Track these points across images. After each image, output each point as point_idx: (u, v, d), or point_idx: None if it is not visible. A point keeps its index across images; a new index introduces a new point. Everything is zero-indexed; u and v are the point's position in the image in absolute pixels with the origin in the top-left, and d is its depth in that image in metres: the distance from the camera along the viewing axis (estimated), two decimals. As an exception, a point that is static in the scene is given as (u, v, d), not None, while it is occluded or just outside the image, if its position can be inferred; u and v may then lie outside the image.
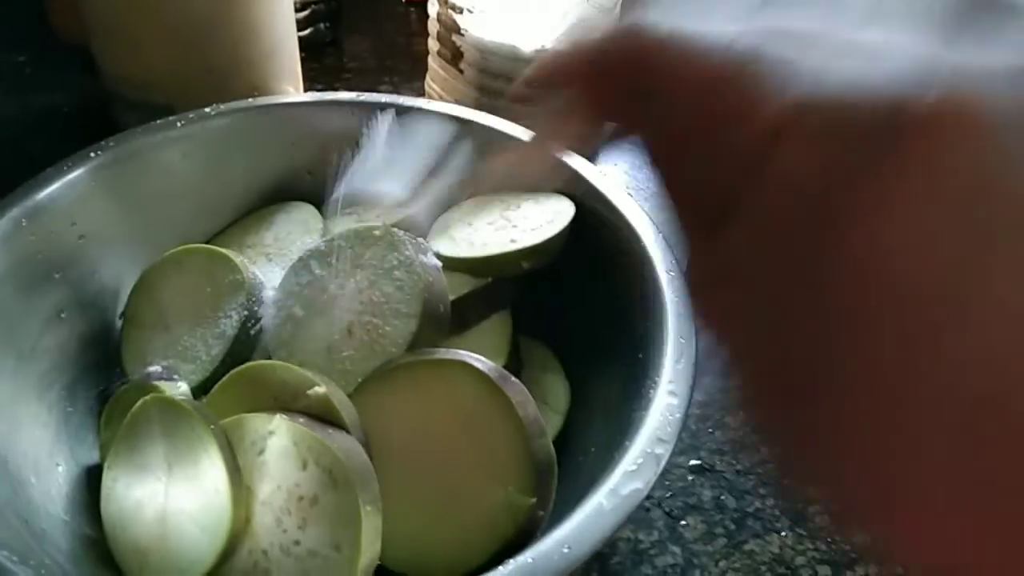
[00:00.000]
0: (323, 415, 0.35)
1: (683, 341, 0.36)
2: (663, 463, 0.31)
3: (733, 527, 0.42)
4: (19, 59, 0.70)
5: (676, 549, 0.41)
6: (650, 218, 0.41)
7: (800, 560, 0.41)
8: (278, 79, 0.62)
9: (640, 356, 0.37)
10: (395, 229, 0.40)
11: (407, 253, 0.39)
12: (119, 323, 0.43)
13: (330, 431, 0.33)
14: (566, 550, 0.28)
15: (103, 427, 0.40)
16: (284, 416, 0.34)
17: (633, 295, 0.40)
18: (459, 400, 0.35)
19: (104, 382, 0.42)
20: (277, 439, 0.33)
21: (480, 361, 0.35)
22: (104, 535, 0.35)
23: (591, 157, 0.46)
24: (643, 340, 0.38)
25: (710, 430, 0.47)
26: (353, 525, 0.32)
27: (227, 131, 0.47)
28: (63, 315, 0.41)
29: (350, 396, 0.36)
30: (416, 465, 0.35)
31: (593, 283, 0.43)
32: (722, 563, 0.41)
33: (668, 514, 0.42)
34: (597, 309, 0.43)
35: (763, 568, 0.40)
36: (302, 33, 0.63)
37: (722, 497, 0.43)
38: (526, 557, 0.28)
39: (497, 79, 0.60)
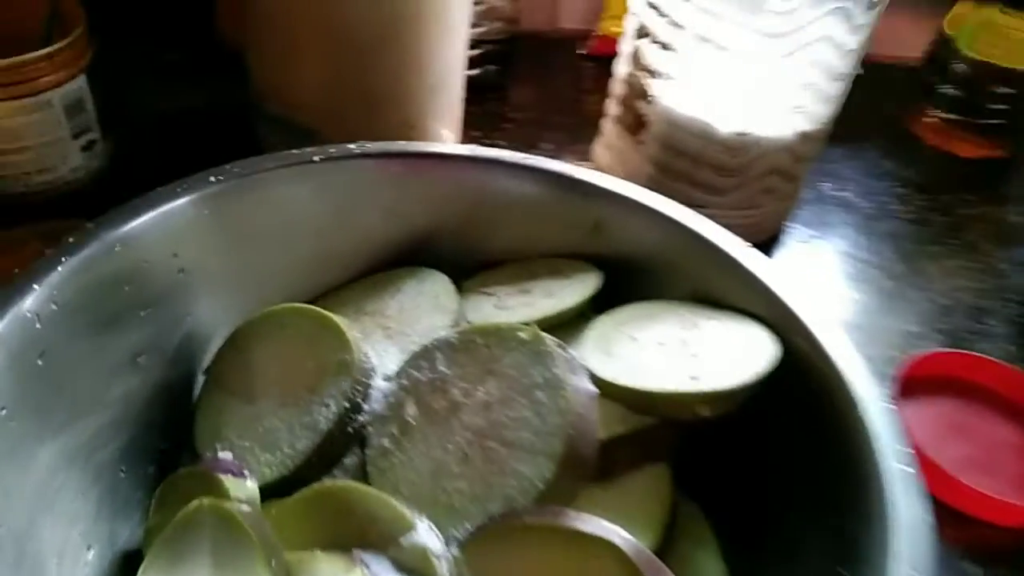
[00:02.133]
0: (416, 570, 0.26)
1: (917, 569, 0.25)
2: None
3: None
4: (174, 58, 0.67)
5: None
6: (871, 373, 0.31)
7: None
8: (436, 118, 0.55)
9: (837, 569, 0.27)
10: (545, 335, 0.31)
11: (556, 371, 0.30)
12: (201, 380, 0.36)
13: (420, 606, 0.25)
14: None
15: (153, 509, 0.33)
16: (366, 564, 0.26)
17: (837, 477, 0.30)
18: (596, 593, 0.26)
19: (170, 444, 0.35)
20: (351, 601, 0.25)
21: (628, 540, 0.26)
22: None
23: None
24: (847, 549, 0.28)
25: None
26: None
27: (369, 174, 0.40)
28: (140, 360, 0.34)
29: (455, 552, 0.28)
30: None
31: (779, 445, 0.33)
32: None
33: None
34: (780, 480, 0.33)
35: None
36: (469, 72, 0.57)
37: None
38: None
39: (681, 158, 0.51)
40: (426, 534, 0.27)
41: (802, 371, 0.33)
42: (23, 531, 0.28)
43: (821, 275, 0.57)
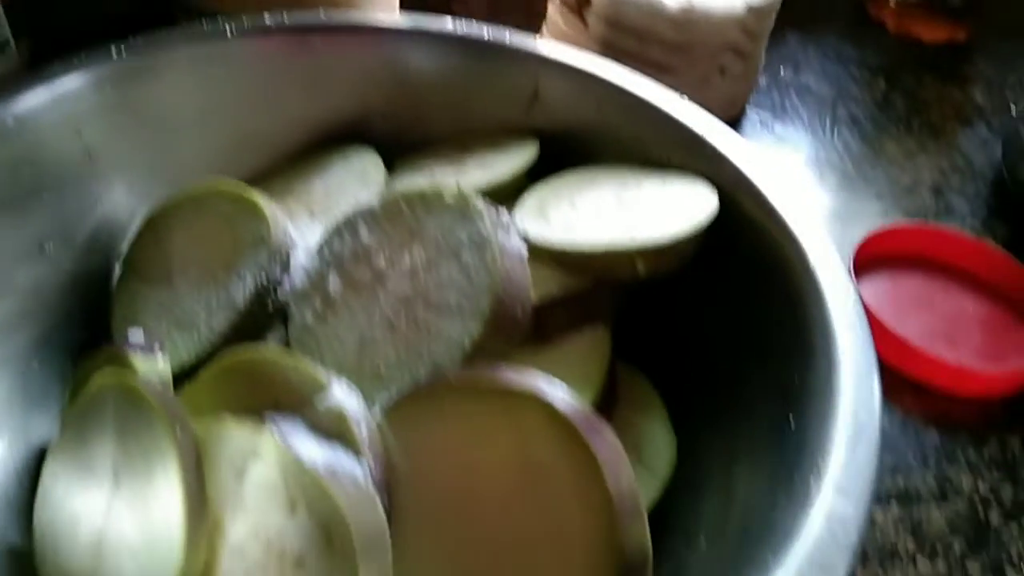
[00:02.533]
0: (334, 436, 0.25)
1: (862, 414, 0.24)
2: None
3: (875, 669, 0.30)
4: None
5: None
6: (821, 225, 0.30)
7: None
8: (369, 4, 0.52)
9: (790, 419, 0.26)
10: (472, 195, 0.29)
11: (483, 230, 0.28)
12: (116, 268, 0.34)
13: (336, 467, 0.23)
14: None
15: (69, 397, 0.31)
16: (277, 428, 0.24)
17: (784, 328, 0.28)
18: (526, 448, 0.24)
19: (89, 337, 0.33)
20: (262, 465, 0.24)
21: (562, 397, 0.25)
22: (32, 548, 0.26)
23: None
24: (796, 397, 0.26)
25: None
26: (346, 610, 0.21)
27: (288, 50, 0.37)
28: (46, 247, 0.32)
29: (377, 417, 0.26)
30: (454, 531, 0.24)
31: (725, 303, 0.32)
32: None
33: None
34: (727, 339, 0.32)
35: None
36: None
37: (862, 622, 0.32)
38: None
39: (627, 36, 0.49)
40: (342, 394, 0.25)
41: (749, 230, 0.31)
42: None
43: (780, 158, 0.55)
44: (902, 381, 0.41)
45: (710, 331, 0.32)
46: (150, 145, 0.35)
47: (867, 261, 0.46)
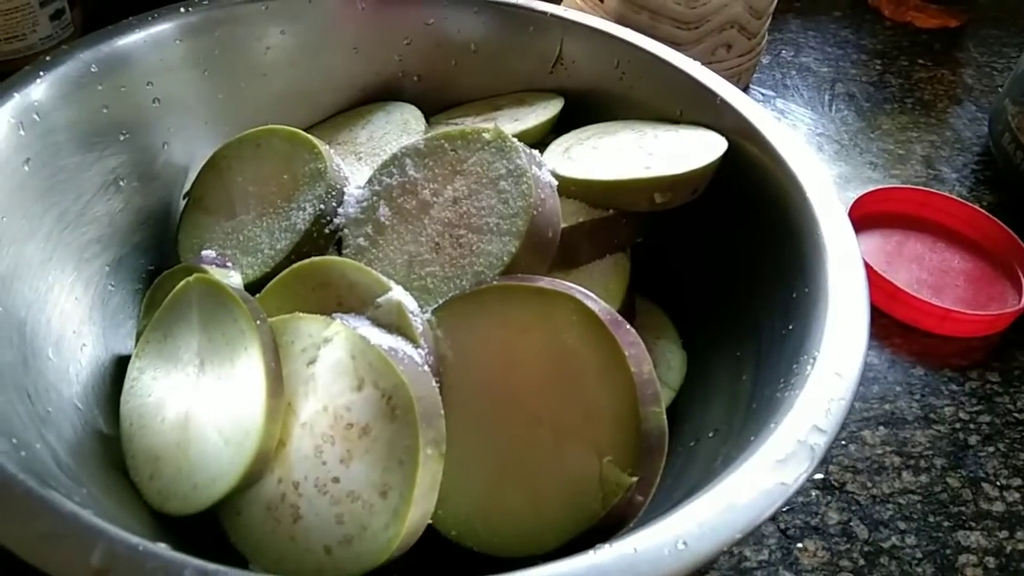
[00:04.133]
0: (393, 330, 0.28)
1: (851, 318, 0.28)
2: (819, 457, 0.23)
3: (862, 562, 0.34)
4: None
5: (789, 576, 0.33)
6: (815, 162, 0.33)
7: (945, 619, 0.32)
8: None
9: (791, 327, 0.29)
10: (508, 134, 0.33)
11: (518, 162, 0.32)
12: (182, 203, 0.38)
13: (398, 350, 0.27)
14: (681, 546, 0.21)
15: (143, 312, 0.35)
16: (344, 321, 0.28)
17: (785, 254, 0.32)
18: (560, 340, 0.28)
19: (155, 266, 0.37)
20: (332, 349, 0.27)
21: (591, 299, 0.28)
22: (118, 435, 0.30)
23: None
24: (794, 308, 0.30)
25: (843, 442, 0.38)
26: (407, 467, 0.25)
27: (333, 14, 0.41)
28: (122, 183, 0.36)
29: (428, 316, 0.30)
30: (494, 410, 0.28)
31: (731, 236, 0.36)
32: (845, 604, 0.33)
33: (784, 532, 0.35)
34: (732, 268, 0.35)
35: (897, 620, 0.32)
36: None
37: (852, 524, 0.35)
38: (628, 546, 0.21)
39: (641, 11, 0.53)
40: (401, 294, 0.29)
41: (754, 171, 0.35)
42: (20, 318, 0.29)
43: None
44: (892, 323, 0.44)
45: (717, 262, 0.36)
46: (211, 96, 0.39)
47: (862, 218, 0.50)
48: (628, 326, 0.28)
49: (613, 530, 0.27)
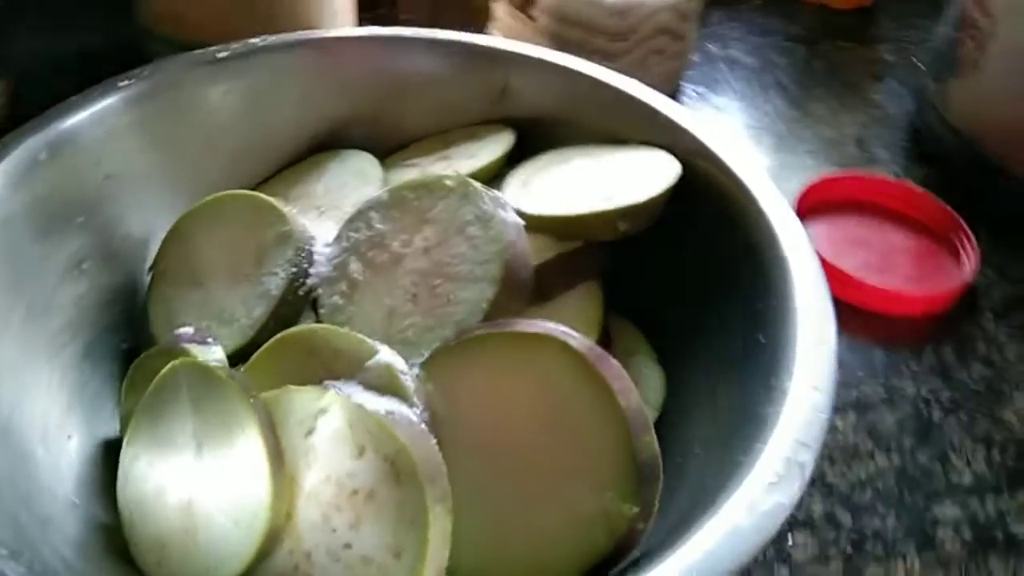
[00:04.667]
0: (386, 392, 0.29)
1: (820, 327, 0.29)
2: (808, 474, 0.25)
3: (850, 549, 0.36)
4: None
5: (784, 571, 0.35)
6: (768, 176, 0.35)
7: (932, 592, 0.34)
8: (331, 24, 0.56)
9: (761, 339, 0.31)
10: (470, 180, 0.34)
11: (484, 207, 0.33)
12: (147, 278, 0.37)
13: (394, 412, 0.27)
14: (696, 579, 0.22)
15: (124, 395, 0.34)
16: (338, 391, 0.28)
17: (746, 266, 0.33)
18: (548, 384, 0.29)
19: (127, 343, 0.37)
20: (329, 419, 0.28)
21: (573, 336, 0.29)
22: (119, 523, 0.30)
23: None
24: (762, 320, 0.31)
25: (816, 432, 0.40)
26: (418, 527, 0.26)
27: (276, 67, 0.41)
28: (84, 266, 0.35)
29: (416, 371, 0.30)
30: (492, 459, 0.29)
31: (694, 252, 0.37)
32: (840, 590, 0.34)
33: (773, 528, 0.36)
34: (699, 283, 0.36)
35: (888, 599, 0.34)
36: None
37: (835, 512, 0.37)
38: (645, 585, 0.22)
39: (573, 28, 0.54)
40: (389, 355, 0.29)
41: (709, 188, 0.36)
42: (4, 418, 0.29)
43: (720, 126, 0.60)
44: (848, 310, 0.46)
45: (683, 277, 0.37)
46: (162, 165, 0.39)
47: (806, 209, 0.52)
48: (611, 359, 0.29)
49: (618, 560, 0.28)
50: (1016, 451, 0.40)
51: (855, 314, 0.46)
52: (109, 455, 0.32)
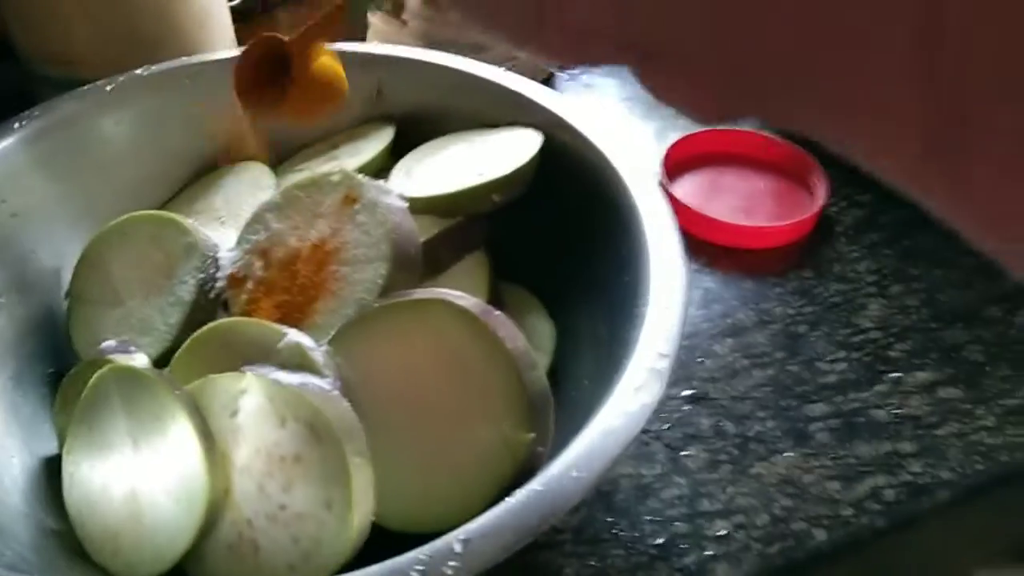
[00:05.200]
0: (299, 368, 0.32)
1: (669, 258, 0.34)
2: (667, 376, 0.29)
3: (736, 452, 0.40)
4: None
5: (681, 480, 0.39)
6: (623, 142, 0.39)
7: (808, 478, 0.39)
8: (210, 48, 0.58)
9: (626, 279, 0.35)
10: (353, 173, 0.37)
11: (369, 196, 0.36)
12: (65, 303, 0.40)
13: (307, 383, 0.31)
14: (576, 474, 0.26)
15: (57, 413, 0.37)
16: (254, 372, 0.31)
17: (609, 220, 0.38)
18: (442, 340, 0.32)
19: (53, 367, 0.39)
20: (250, 398, 0.31)
21: (460, 297, 0.33)
22: (69, 525, 0.32)
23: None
24: (627, 263, 0.36)
25: (699, 359, 0.45)
26: (342, 479, 0.29)
27: (161, 93, 0.44)
28: (0, 300, 0.38)
29: (325, 347, 0.34)
30: (403, 414, 0.32)
31: (566, 215, 0.41)
32: (730, 489, 0.39)
33: (668, 446, 0.41)
34: (573, 241, 0.41)
35: (772, 490, 0.39)
36: (232, 2, 0.60)
37: (721, 424, 0.42)
38: (535, 485, 0.26)
39: (444, 27, 0.57)
40: (297, 335, 0.32)
41: (570, 156, 0.40)
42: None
43: (595, 102, 0.65)
44: (718, 250, 0.52)
45: (559, 237, 0.41)
46: (65, 199, 0.41)
47: (676, 164, 0.57)
48: (496, 312, 0.33)
49: (526, 480, 0.32)
50: (871, 350, 0.45)
51: (726, 253, 0.51)
52: (51, 469, 0.35)
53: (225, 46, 0.60)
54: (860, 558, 0.38)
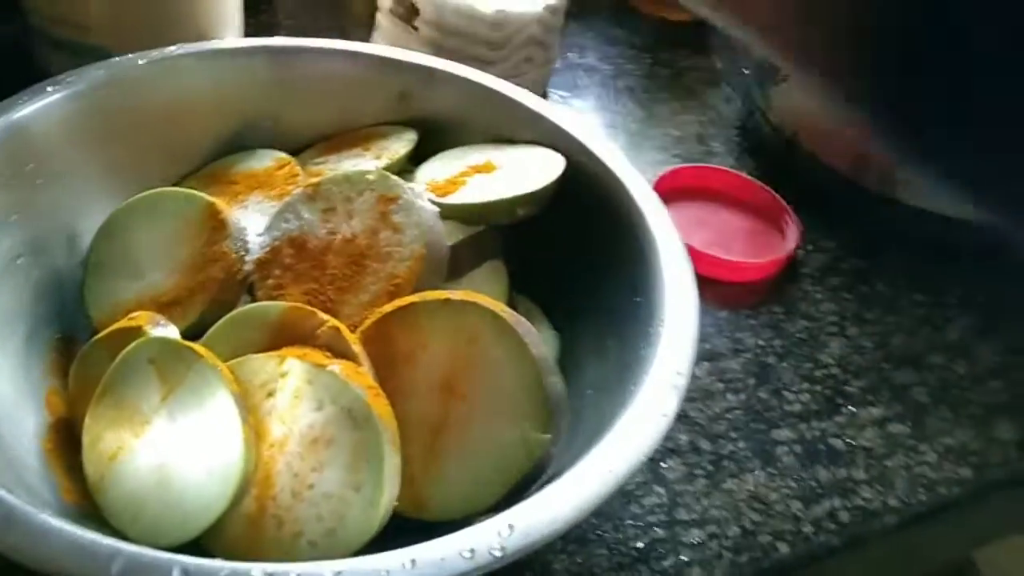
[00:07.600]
0: (336, 353, 0.34)
1: (683, 283, 0.37)
2: (682, 393, 0.32)
3: (711, 468, 0.44)
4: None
5: (660, 489, 0.42)
6: (630, 164, 0.42)
7: (774, 496, 0.43)
8: (220, 30, 0.59)
9: (637, 299, 0.38)
10: (390, 174, 0.39)
11: (406, 197, 0.38)
12: (82, 269, 0.40)
13: (347, 369, 0.32)
14: (610, 472, 0.29)
15: (74, 379, 0.37)
16: (296, 356, 0.33)
17: (622, 240, 0.40)
18: (473, 340, 0.34)
19: (60, 333, 0.39)
20: (290, 380, 0.32)
21: (491, 303, 0.35)
22: (85, 489, 0.33)
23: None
24: (638, 284, 0.39)
25: (679, 380, 0.48)
26: (376, 464, 0.31)
27: (192, 71, 0.45)
28: (19, 261, 0.38)
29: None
30: (428, 404, 0.34)
31: (579, 233, 0.44)
32: (704, 501, 0.42)
33: (650, 458, 0.44)
34: (582, 257, 0.43)
35: (742, 505, 0.42)
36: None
37: (697, 441, 0.45)
38: (573, 481, 0.28)
39: (453, 37, 0.59)
40: (336, 322, 0.34)
41: (587, 178, 0.43)
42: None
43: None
44: (698, 279, 0.55)
45: (571, 255, 0.44)
46: (89, 166, 0.41)
47: (662, 196, 0.60)
48: (524, 320, 0.36)
49: (537, 478, 0.34)
50: (832, 384, 0.49)
51: (704, 283, 0.54)
52: (66, 432, 0.35)
53: (234, 28, 0.61)
54: (815, 572, 0.42)
